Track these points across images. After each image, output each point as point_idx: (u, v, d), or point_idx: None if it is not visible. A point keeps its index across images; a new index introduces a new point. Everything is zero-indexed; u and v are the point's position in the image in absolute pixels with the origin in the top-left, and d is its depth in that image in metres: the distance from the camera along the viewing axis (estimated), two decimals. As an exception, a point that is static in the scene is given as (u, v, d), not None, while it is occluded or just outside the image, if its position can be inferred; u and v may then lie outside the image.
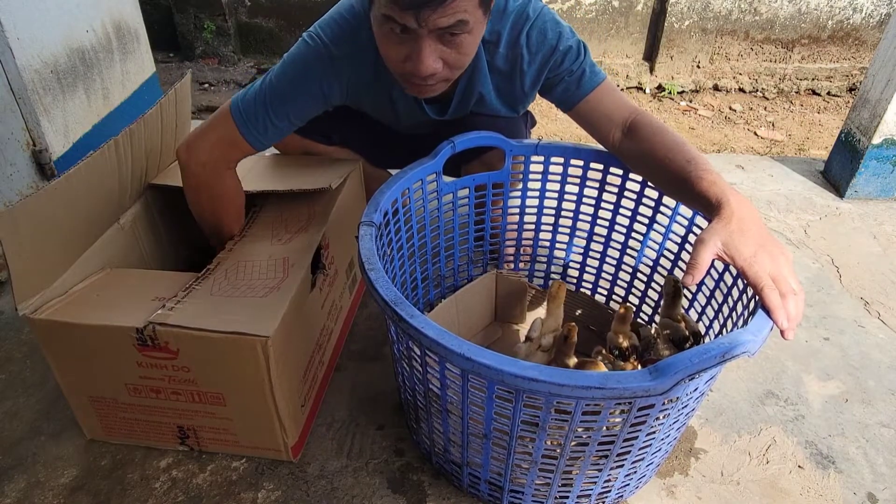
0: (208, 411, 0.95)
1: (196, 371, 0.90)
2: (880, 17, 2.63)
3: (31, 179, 1.44)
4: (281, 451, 0.98)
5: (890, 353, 1.25)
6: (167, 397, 0.94)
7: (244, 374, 0.88)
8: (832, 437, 1.07)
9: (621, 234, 1.18)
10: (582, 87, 1.04)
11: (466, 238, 1.23)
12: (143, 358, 0.89)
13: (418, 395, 0.88)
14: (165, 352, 0.88)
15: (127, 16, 1.82)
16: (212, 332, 0.84)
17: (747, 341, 0.67)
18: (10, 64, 1.33)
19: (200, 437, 0.99)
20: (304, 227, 1.09)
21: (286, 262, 0.99)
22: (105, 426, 1.01)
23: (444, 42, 0.88)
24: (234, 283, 0.96)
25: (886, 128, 1.67)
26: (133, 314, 0.88)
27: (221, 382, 0.91)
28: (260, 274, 0.97)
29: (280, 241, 1.05)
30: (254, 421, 0.95)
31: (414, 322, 0.70)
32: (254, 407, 0.92)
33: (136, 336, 0.86)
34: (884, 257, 1.54)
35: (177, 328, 0.85)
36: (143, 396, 0.95)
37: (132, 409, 0.97)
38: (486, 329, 1.27)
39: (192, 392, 0.93)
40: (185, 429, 0.98)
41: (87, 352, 0.91)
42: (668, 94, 2.70)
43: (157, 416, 0.97)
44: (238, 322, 0.86)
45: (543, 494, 0.87)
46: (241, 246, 1.05)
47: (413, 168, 1.03)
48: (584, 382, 0.64)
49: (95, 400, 0.97)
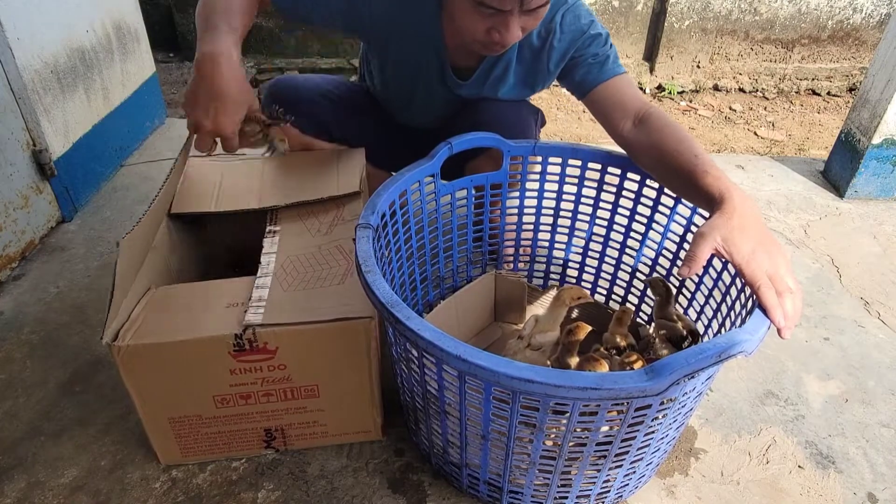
0: (300, 406, 0.97)
1: (291, 367, 0.91)
2: (880, 17, 2.63)
3: (31, 179, 1.44)
4: (371, 431, 1.02)
5: (890, 353, 1.25)
6: (257, 401, 0.95)
7: (346, 359, 0.91)
8: (832, 437, 1.07)
9: (620, 233, 1.18)
10: (604, 72, 1.09)
11: (465, 239, 1.23)
12: (236, 364, 0.89)
13: (417, 396, 0.88)
14: (263, 353, 0.88)
15: (127, 16, 1.82)
16: (315, 322, 0.87)
17: (744, 340, 0.67)
18: (10, 64, 1.33)
19: (288, 436, 1.01)
20: (340, 215, 1.09)
21: (341, 249, 1.00)
22: (183, 447, 0.99)
23: (528, 14, 0.96)
24: (301, 277, 0.96)
25: (886, 128, 1.66)
26: (220, 322, 0.87)
27: (318, 374, 0.93)
28: (321, 265, 0.98)
29: (321, 233, 1.05)
30: (348, 406, 0.98)
31: (410, 324, 0.70)
32: (350, 391, 0.95)
33: (233, 343, 0.86)
34: (884, 257, 1.54)
35: (277, 326, 0.86)
36: (230, 406, 0.94)
37: (216, 421, 0.96)
38: (485, 329, 1.27)
39: (285, 390, 0.94)
40: (273, 430, 0.99)
41: (176, 370, 0.89)
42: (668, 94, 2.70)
43: (243, 424, 0.97)
44: (335, 309, 0.88)
45: (542, 495, 0.87)
46: (281, 245, 1.03)
47: (410, 170, 1.03)
48: (581, 383, 0.64)
49: (176, 421, 0.95)
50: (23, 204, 1.42)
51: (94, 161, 1.68)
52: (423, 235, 1.13)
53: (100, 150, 1.70)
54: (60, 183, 1.53)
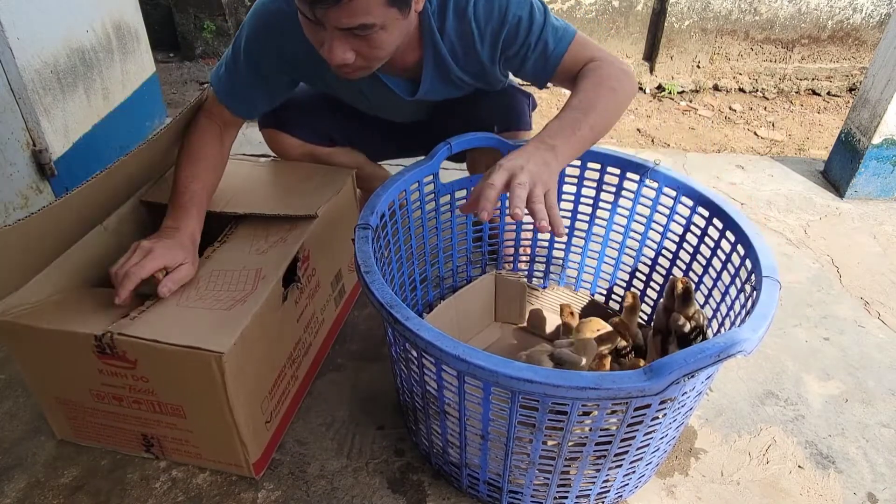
0: (169, 422, 0.93)
1: (154, 382, 0.88)
2: (880, 17, 2.63)
3: (31, 179, 1.44)
4: (242, 467, 0.96)
5: (890, 353, 1.25)
6: (129, 406, 0.92)
7: (201, 388, 0.85)
8: (832, 437, 1.07)
9: (619, 233, 1.18)
10: (549, 62, 1.00)
11: (465, 239, 1.23)
12: (103, 365, 0.88)
13: (416, 396, 0.88)
14: (124, 361, 0.86)
15: (127, 16, 1.82)
16: (167, 344, 0.82)
17: (744, 340, 0.67)
18: (10, 64, 1.33)
19: (165, 447, 0.98)
20: (284, 237, 1.04)
21: (258, 274, 0.96)
22: (74, 427, 1.00)
23: (355, 36, 0.85)
24: (203, 293, 0.93)
25: (886, 128, 1.66)
26: (97, 321, 0.86)
27: (180, 395, 0.89)
28: (230, 285, 0.94)
29: (258, 252, 1.01)
30: (214, 436, 0.92)
31: (409, 324, 0.70)
32: (213, 422, 0.90)
33: (95, 344, 0.85)
34: (884, 257, 1.54)
35: (134, 338, 0.83)
36: (106, 402, 0.93)
37: (98, 413, 0.96)
38: (485, 330, 1.27)
39: (152, 402, 0.91)
40: (150, 437, 0.97)
41: (54, 357, 0.90)
42: (668, 94, 2.69)
43: (121, 423, 0.96)
44: (195, 336, 0.83)
45: (542, 495, 0.87)
46: (218, 254, 1.02)
47: (410, 170, 1.03)
48: (579, 383, 0.64)
49: (63, 402, 0.96)
50: (23, 204, 1.42)
51: (95, 161, 1.68)
52: (423, 235, 1.13)
53: (100, 150, 1.70)
54: (61, 183, 1.53)
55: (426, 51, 1.03)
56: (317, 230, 1.08)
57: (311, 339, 1.12)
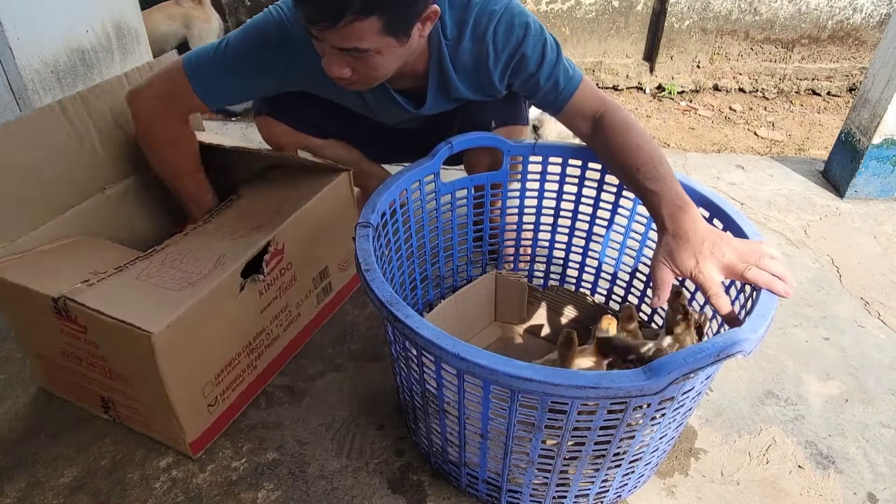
0: (119, 389, 0.97)
1: (103, 349, 0.92)
2: (880, 17, 2.63)
3: (32, 180, 1.44)
4: (179, 443, 0.99)
5: (890, 353, 1.25)
6: (87, 368, 0.97)
7: (139, 363, 0.89)
8: (832, 437, 1.07)
9: (620, 233, 1.18)
10: (561, 96, 1.05)
11: (465, 238, 1.23)
12: (63, 326, 0.92)
13: (416, 395, 0.88)
14: (76, 325, 0.90)
15: (127, 16, 1.82)
16: (108, 317, 0.85)
17: (743, 340, 0.68)
18: (10, 64, 1.33)
19: (119, 413, 1.02)
20: (261, 226, 1.06)
21: (220, 261, 0.98)
22: (49, 376, 1.06)
23: (351, 56, 0.89)
24: (163, 271, 0.96)
25: (886, 128, 1.66)
26: (60, 283, 0.90)
27: (125, 366, 0.93)
28: (190, 266, 0.97)
29: (231, 238, 1.03)
30: (155, 409, 0.96)
31: (409, 322, 0.70)
32: (152, 397, 0.94)
33: (52, 305, 0.89)
34: (884, 257, 1.54)
35: (81, 306, 0.87)
36: (70, 361, 0.98)
37: (65, 370, 1.01)
38: (485, 329, 1.27)
39: (104, 367, 0.95)
40: (107, 400, 1.01)
41: (27, 311, 0.95)
42: (668, 94, 2.70)
43: (83, 383, 1.02)
44: (135, 312, 0.86)
45: (541, 494, 0.87)
46: (194, 234, 1.05)
47: (410, 169, 1.03)
48: (579, 382, 0.64)
49: (39, 356, 1.02)
50: (23, 204, 1.42)
51: (95, 161, 1.68)
52: (424, 235, 1.13)
53: (100, 150, 1.70)
54: (61, 183, 1.53)
55: (432, 71, 1.06)
56: (296, 225, 1.09)
57: (280, 332, 1.13)
